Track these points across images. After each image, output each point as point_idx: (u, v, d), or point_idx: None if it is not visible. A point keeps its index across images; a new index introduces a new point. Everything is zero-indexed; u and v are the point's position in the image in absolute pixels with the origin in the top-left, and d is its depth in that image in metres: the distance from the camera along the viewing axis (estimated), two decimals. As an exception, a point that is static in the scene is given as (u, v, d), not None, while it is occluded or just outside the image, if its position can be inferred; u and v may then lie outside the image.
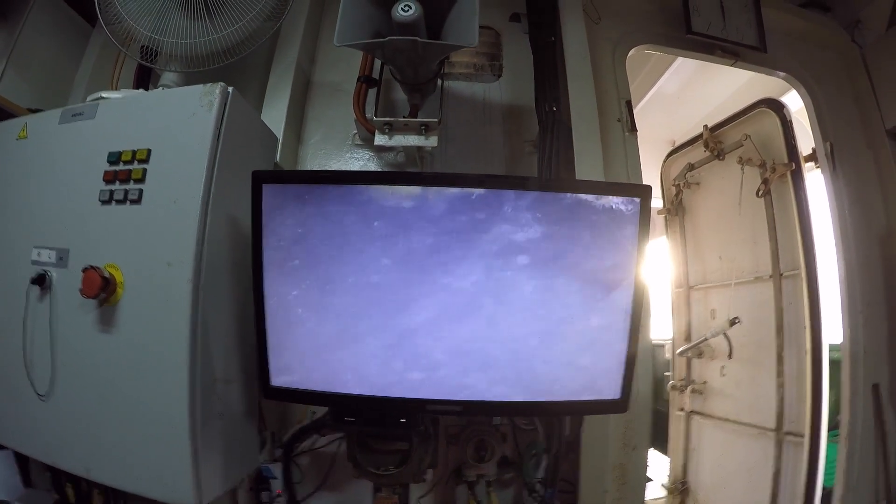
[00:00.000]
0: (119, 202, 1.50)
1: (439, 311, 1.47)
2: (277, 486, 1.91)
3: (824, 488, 2.39)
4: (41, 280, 1.54)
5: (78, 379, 1.50)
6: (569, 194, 1.48)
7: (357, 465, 1.67)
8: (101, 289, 1.42)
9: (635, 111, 2.44)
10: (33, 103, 2.14)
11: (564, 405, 1.58)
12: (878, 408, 2.30)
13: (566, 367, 1.51)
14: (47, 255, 1.57)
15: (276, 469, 1.91)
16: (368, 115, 2.12)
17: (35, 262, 1.58)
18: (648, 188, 1.50)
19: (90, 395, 1.47)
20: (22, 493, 1.86)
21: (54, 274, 1.55)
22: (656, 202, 3.60)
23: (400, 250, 1.46)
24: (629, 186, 1.72)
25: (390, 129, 1.98)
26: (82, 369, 1.49)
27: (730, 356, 2.92)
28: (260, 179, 1.47)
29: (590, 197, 1.47)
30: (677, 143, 3.70)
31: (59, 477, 1.74)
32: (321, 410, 1.87)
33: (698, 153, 3.25)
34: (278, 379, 1.53)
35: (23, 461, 1.89)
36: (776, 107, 2.72)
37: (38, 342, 1.54)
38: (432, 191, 1.45)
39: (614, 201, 1.47)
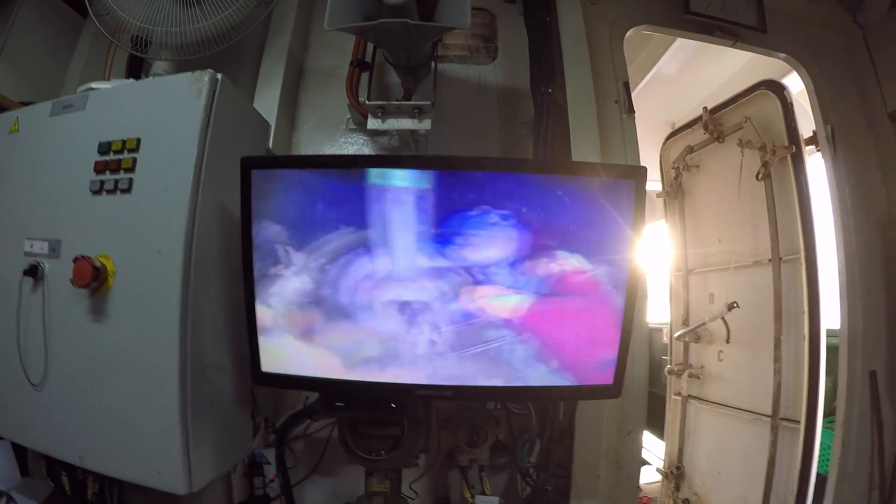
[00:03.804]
0: (110, 192, 1.51)
1: (428, 292, 1.47)
2: (271, 471, 1.93)
3: (819, 475, 2.39)
4: (34, 271, 1.55)
5: (70, 368, 1.51)
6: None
7: (349, 450, 1.69)
8: (93, 278, 1.43)
9: (634, 93, 2.42)
10: (26, 96, 2.14)
11: (556, 390, 1.57)
12: (874, 395, 2.28)
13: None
14: (40, 247, 1.58)
15: (270, 454, 1.93)
16: (361, 100, 2.11)
17: (28, 254, 1.59)
18: (643, 170, 1.48)
19: (82, 384, 1.49)
20: (19, 482, 1.88)
21: (47, 265, 1.56)
22: (655, 185, 3.58)
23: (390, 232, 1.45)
24: (624, 168, 1.71)
25: (383, 112, 1.97)
26: (75, 359, 1.51)
27: (727, 341, 2.91)
28: (249, 165, 1.46)
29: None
30: (677, 126, 3.66)
31: (53, 466, 1.76)
32: (314, 395, 1.89)
33: (698, 135, 3.21)
34: (269, 365, 1.53)
35: (20, 450, 1.91)
36: (777, 89, 2.68)
37: (32, 333, 1.55)
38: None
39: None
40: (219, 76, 1.53)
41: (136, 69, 2.17)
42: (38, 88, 2.31)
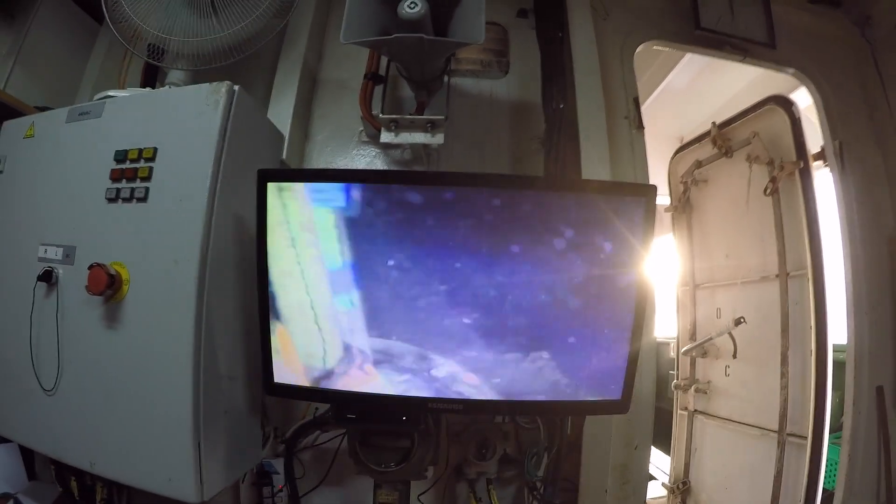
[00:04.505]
0: (125, 200, 1.52)
1: (445, 306, 1.47)
2: (279, 481, 1.93)
3: (825, 491, 2.39)
4: (48, 277, 1.55)
5: (83, 374, 1.51)
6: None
7: (358, 461, 1.68)
8: (107, 286, 1.43)
9: (644, 107, 2.43)
10: (41, 102, 2.16)
11: (565, 405, 1.57)
12: (881, 410, 2.28)
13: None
14: (54, 253, 1.59)
15: (279, 464, 1.93)
16: (375, 112, 2.12)
17: (42, 259, 1.60)
18: (653, 188, 1.48)
19: (95, 390, 1.49)
20: (26, 486, 1.88)
21: (61, 271, 1.57)
22: (664, 199, 3.59)
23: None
24: (634, 186, 1.72)
25: (396, 126, 1.98)
26: (88, 365, 1.51)
27: (734, 356, 2.91)
28: (265, 177, 1.47)
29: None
30: (685, 140, 3.68)
31: (62, 470, 1.76)
32: (324, 406, 1.89)
33: (706, 150, 3.22)
34: (281, 376, 1.54)
35: (27, 454, 1.92)
36: (785, 104, 2.69)
37: (45, 338, 1.56)
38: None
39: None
40: (235, 88, 1.54)
41: (152, 77, 2.19)
42: (52, 94, 2.32)
